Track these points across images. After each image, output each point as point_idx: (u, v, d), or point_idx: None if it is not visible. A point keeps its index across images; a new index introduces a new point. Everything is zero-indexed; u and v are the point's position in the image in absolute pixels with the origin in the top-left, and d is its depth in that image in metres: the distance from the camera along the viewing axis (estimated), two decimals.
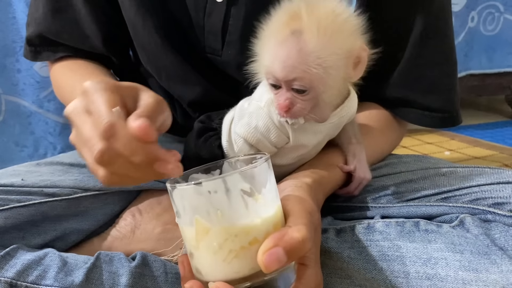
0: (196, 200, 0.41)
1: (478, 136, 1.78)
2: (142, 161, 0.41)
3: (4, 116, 1.23)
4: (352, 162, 0.60)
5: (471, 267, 0.51)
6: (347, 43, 0.50)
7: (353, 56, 0.50)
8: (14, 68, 1.21)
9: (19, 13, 1.17)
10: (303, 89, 0.49)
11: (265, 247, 0.39)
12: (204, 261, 0.42)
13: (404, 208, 0.61)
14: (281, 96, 0.51)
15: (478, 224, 0.54)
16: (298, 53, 0.48)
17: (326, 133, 0.57)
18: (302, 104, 0.50)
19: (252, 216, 0.41)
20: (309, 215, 0.44)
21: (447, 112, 0.72)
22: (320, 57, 0.48)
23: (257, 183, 0.41)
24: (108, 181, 0.43)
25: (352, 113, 0.56)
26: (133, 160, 0.41)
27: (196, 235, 0.41)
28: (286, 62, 0.48)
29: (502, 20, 1.84)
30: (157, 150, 0.41)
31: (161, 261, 0.63)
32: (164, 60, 0.72)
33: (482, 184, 0.58)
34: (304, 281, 0.44)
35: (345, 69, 0.50)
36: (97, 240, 0.69)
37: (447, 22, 0.73)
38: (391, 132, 0.73)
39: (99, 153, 0.41)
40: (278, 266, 0.39)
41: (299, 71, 0.48)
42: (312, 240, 0.42)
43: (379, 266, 0.54)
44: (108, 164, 0.42)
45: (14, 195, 0.63)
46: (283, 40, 0.49)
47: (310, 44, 0.48)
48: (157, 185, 0.75)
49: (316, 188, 0.55)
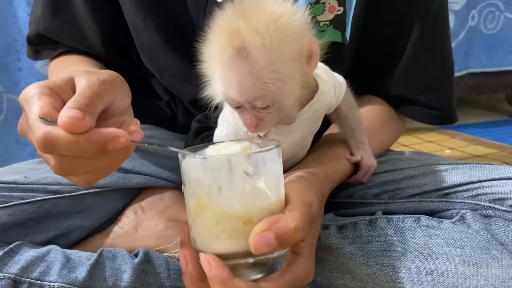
0: (201, 174, 0.42)
1: (478, 134, 1.78)
2: (95, 152, 0.39)
3: (5, 114, 1.24)
4: (357, 153, 0.61)
5: (471, 262, 0.51)
6: (296, 46, 0.47)
7: (304, 53, 0.48)
8: (16, 66, 1.21)
9: (20, 12, 1.17)
10: (266, 106, 0.48)
11: (257, 230, 0.41)
12: (200, 234, 0.44)
13: (405, 204, 0.61)
14: (246, 114, 0.49)
15: (478, 220, 0.55)
16: (251, 73, 0.45)
17: (302, 131, 0.56)
18: (268, 118, 0.49)
19: (250, 199, 0.42)
20: (307, 206, 0.45)
21: (444, 110, 0.74)
22: (274, 71, 0.46)
23: (261, 168, 0.42)
24: (59, 169, 0.42)
25: (328, 103, 0.55)
26: (86, 157, 0.40)
27: (196, 209, 0.43)
28: (241, 85, 0.46)
29: (502, 18, 1.84)
30: (102, 133, 0.39)
31: (164, 257, 0.63)
32: (165, 59, 0.73)
33: (482, 180, 0.58)
34: (293, 269, 0.45)
35: (300, 69, 0.49)
36: (99, 237, 0.70)
37: (445, 23, 0.74)
38: (392, 125, 0.74)
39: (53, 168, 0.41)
40: (267, 249, 0.40)
41: (257, 90, 0.46)
42: (305, 230, 0.43)
43: (380, 262, 0.55)
44: None
45: (18, 192, 0.63)
46: (230, 62, 0.46)
47: (259, 61, 0.45)
48: (159, 182, 0.75)
49: (323, 181, 0.55)
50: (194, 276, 0.44)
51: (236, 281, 0.41)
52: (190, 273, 0.44)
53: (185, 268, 0.45)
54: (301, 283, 0.47)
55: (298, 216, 0.42)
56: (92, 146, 0.39)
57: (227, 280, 0.41)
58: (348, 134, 0.62)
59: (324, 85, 0.53)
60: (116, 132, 0.40)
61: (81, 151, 0.39)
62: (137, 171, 0.74)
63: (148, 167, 0.75)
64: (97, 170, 0.42)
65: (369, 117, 0.69)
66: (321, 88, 0.53)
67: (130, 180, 0.72)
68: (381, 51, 0.72)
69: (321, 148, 0.62)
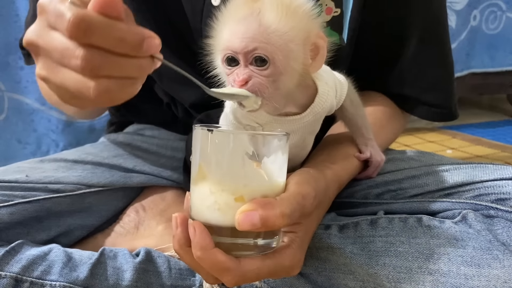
0: (205, 144, 0.44)
1: (479, 134, 1.78)
2: (131, 46, 0.37)
3: (7, 113, 1.24)
4: (366, 150, 0.61)
5: (473, 263, 0.51)
6: (304, 25, 0.49)
7: (309, 42, 0.49)
8: (17, 65, 1.21)
9: (22, 11, 1.17)
10: (264, 59, 0.47)
11: (244, 208, 0.42)
12: (195, 202, 0.46)
13: (407, 204, 0.61)
14: (238, 72, 0.48)
15: (480, 220, 0.55)
16: (258, 27, 0.47)
17: (302, 132, 0.56)
18: (260, 79, 0.48)
19: (245, 178, 0.44)
20: (300, 197, 0.45)
21: (445, 108, 0.74)
22: (280, 31, 0.48)
23: (261, 151, 0.44)
24: (88, 61, 0.36)
25: (328, 106, 0.55)
26: (120, 52, 0.37)
27: (196, 177, 0.45)
28: (245, 34, 0.47)
29: (504, 18, 1.84)
30: (141, 29, 0.38)
31: (165, 256, 0.63)
32: (162, 64, 0.72)
33: (485, 180, 0.58)
34: (277, 256, 0.46)
35: (304, 54, 0.49)
36: (101, 236, 0.70)
37: (444, 23, 0.75)
38: (396, 121, 0.75)
39: (72, 25, 0.35)
40: (250, 228, 0.41)
41: (260, 40, 0.47)
42: (292, 219, 0.44)
43: (382, 262, 0.55)
44: None
45: (19, 191, 0.63)
46: (242, 18, 0.48)
47: (271, 25, 0.47)
48: (161, 182, 0.75)
49: (331, 179, 0.56)
50: (181, 240, 0.45)
51: (215, 250, 0.43)
52: (178, 236, 0.46)
53: (174, 231, 0.46)
54: (284, 273, 0.48)
55: (287, 203, 0.43)
56: (130, 36, 0.37)
57: (207, 248, 0.43)
58: (355, 132, 0.62)
59: (323, 87, 0.54)
60: (151, 33, 0.38)
61: (118, 41, 0.36)
62: (138, 170, 0.74)
63: (150, 167, 0.75)
64: (122, 78, 0.39)
65: (374, 113, 0.69)
66: (320, 91, 0.53)
67: (132, 179, 0.73)
68: (381, 51, 0.72)
69: (329, 147, 0.62)
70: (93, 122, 1.30)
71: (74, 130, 1.29)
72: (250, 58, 0.47)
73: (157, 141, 0.82)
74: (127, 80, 0.39)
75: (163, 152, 0.80)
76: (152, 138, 0.82)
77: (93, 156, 0.74)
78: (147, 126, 0.86)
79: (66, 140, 1.28)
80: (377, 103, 0.72)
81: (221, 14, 0.50)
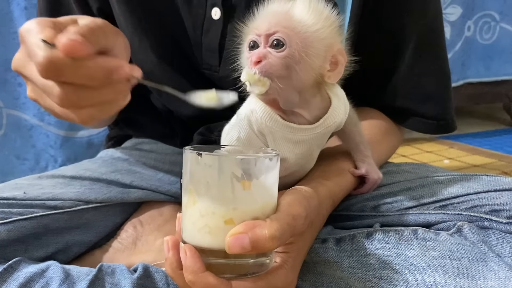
0: (194, 168, 0.45)
1: (476, 144, 1.79)
2: (101, 80, 0.39)
3: (5, 129, 1.24)
4: (362, 166, 0.61)
5: (469, 274, 0.51)
6: (329, 33, 0.51)
7: (331, 52, 0.51)
8: (16, 82, 1.21)
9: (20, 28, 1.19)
10: (281, 41, 0.49)
11: (234, 231, 0.42)
12: (186, 225, 0.46)
13: (402, 216, 0.61)
14: (256, 51, 0.50)
15: (475, 231, 0.55)
16: (285, 15, 0.49)
17: (310, 143, 0.56)
18: (273, 60, 0.49)
19: (235, 200, 0.44)
20: (290, 218, 0.45)
21: (443, 119, 0.74)
22: (305, 24, 0.49)
23: (250, 173, 0.44)
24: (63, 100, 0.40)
25: (339, 121, 0.56)
26: (92, 85, 0.39)
27: (187, 201, 0.45)
28: (272, 20, 0.50)
29: (498, 29, 1.86)
30: (109, 61, 0.40)
31: (163, 272, 0.63)
32: (161, 77, 0.73)
33: (479, 191, 0.59)
34: (270, 277, 0.46)
35: (323, 59, 0.51)
36: (99, 252, 0.70)
37: (440, 34, 0.75)
38: (392, 137, 0.75)
39: None
40: (240, 251, 0.42)
41: (283, 25, 0.49)
42: (282, 241, 0.44)
43: (379, 275, 0.55)
44: None
45: (17, 208, 0.63)
46: (273, 8, 0.51)
47: (298, 13, 0.50)
48: (158, 197, 0.75)
49: (325, 197, 0.56)
50: (173, 263, 0.46)
51: (206, 273, 0.43)
52: (170, 260, 0.46)
53: (166, 254, 0.47)
54: None
55: (277, 225, 0.43)
56: (98, 72, 0.39)
57: (198, 271, 0.43)
58: (354, 148, 0.62)
59: (337, 102, 0.55)
60: (121, 62, 0.40)
61: (87, 77, 0.39)
62: (136, 185, 0.74)
63: (147, 182, 0.75)
64: (101, 104, 0.41)
65: (370, 129, 0.69)
66: (334, 104, 0.55)
67: (129, 195, 0.73)
68: (377, 63, 0.72)
69: (323, 163, 0.62)
70: (91, 137, 1.30)
71: (72, 145, 1.29)
72: (270, 40, 0.49)
73: (155, 155, 0.82)
74: (107, 104, 0.42)
75: (161, 166, 0.80)
76: (150, 152, 0.83)
77: (91, 172, 0.74)
78: (145, 140, 0.86)
79: (65, 155, 1.28)
80: (373, 119, 0.72)
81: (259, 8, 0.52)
